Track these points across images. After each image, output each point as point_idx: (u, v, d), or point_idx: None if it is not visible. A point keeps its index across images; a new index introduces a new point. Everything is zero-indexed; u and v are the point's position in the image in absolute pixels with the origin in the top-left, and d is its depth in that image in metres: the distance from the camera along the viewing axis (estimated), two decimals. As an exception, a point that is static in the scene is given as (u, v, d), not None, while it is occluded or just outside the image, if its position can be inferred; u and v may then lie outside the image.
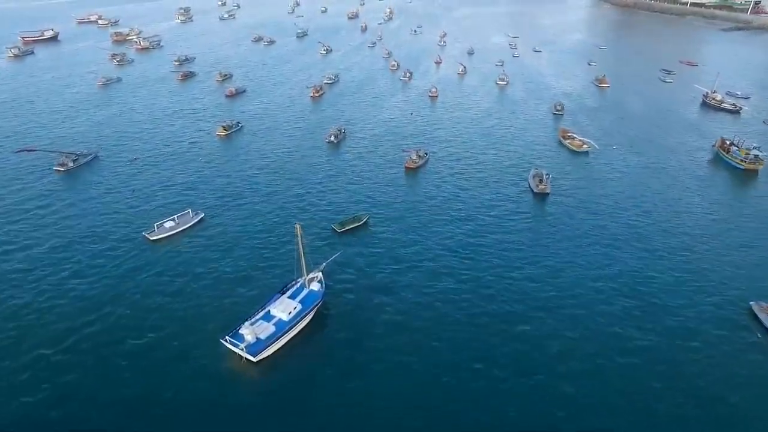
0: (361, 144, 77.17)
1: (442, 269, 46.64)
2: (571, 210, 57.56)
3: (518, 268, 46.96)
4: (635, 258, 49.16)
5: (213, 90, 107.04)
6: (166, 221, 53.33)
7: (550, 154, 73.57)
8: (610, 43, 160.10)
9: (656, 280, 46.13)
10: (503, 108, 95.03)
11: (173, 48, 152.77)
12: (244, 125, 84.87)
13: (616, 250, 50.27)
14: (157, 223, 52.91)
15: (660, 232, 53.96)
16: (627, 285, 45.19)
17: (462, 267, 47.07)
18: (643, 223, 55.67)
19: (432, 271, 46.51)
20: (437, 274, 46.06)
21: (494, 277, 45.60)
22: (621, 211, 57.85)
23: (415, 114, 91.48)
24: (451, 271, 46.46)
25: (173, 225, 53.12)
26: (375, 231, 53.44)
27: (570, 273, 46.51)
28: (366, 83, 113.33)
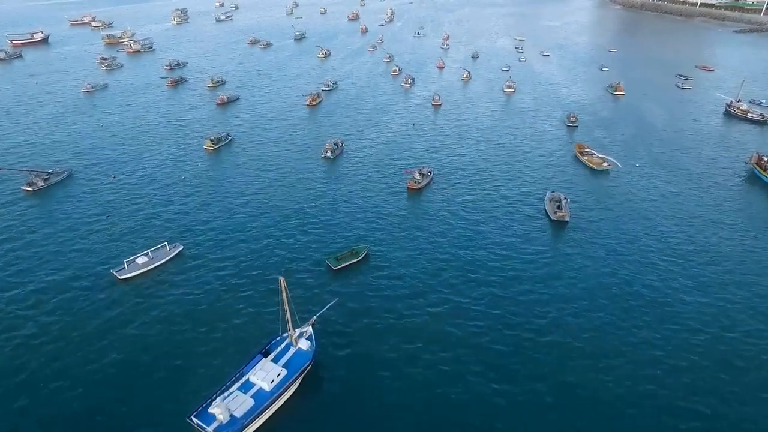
0: (360, 160, 70.62)
1: (449, 324, 39.72)
2: (595, 243, 50.52)
3: (536, 329, 39.22)
4: (677, 305, 42.67)
5: (204, 98, 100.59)
6: (139, 256, 46.84)
7: (567, 173, 66.89)
8: (620, 46, 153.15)
9: (708, 330, 39.62)
10: (512, 119, 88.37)
11: (166, 51, 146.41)
12: (235, 138, 78.38)
13: (654, 294, 43.78)
14: (128, 260, 46.39)
15: (702, 265, 47.34)
16: (673, 342, 38.65)
17: (470, 322, 39.98)
18: (680, 255, 49.05)
19: (438, 326, 39.83)
20: (443, 334, 39.38)
21: (509, 336, 38.57)
22: (654, 244, 50.94)
23: (417, 125, 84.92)
24: (459, 326, 39.52)
25: (146, 261, 46.62)
26: (374, 266, 46.91)
27: (602, 335, 39.19)
28: (366, 90, 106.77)
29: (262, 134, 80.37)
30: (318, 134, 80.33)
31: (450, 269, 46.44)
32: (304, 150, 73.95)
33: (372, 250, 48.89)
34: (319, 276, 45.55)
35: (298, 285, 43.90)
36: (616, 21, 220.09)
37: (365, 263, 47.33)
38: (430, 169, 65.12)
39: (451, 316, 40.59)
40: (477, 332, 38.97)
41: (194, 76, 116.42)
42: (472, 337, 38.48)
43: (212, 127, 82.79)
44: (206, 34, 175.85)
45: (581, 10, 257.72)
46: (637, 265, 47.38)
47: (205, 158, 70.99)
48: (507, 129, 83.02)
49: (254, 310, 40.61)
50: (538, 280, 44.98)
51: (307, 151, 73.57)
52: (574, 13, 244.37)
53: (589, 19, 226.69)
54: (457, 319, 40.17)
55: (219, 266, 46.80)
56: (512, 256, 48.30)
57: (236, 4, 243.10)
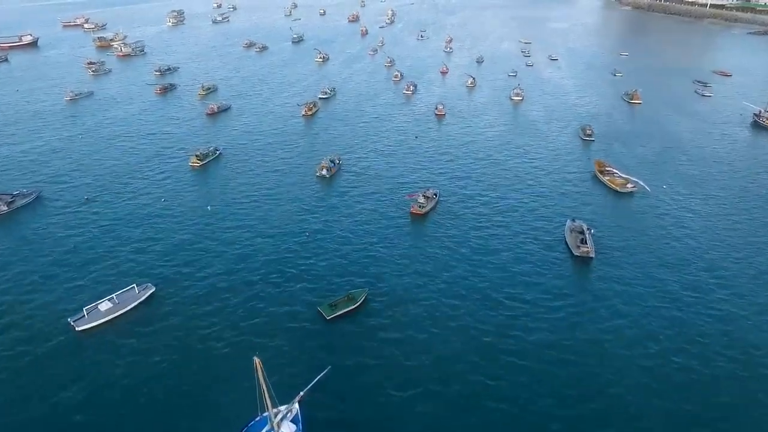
0: (358, 179, 64.01)
1: (461, 397, 33.08)
2: (629, 287, 43.34)
3: (568, 405, 32.21)
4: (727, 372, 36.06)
5: (193, 107, 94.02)
6: (102, 302, 40.25)
7: (586, 195, 60.16)
8: (631, 49, 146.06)
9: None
10: (522, 131, 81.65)
11: (158, 55, 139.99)
12: (223, 152, 71.81)
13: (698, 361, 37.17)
14: (88, 307, 39.79)
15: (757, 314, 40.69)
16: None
17: (488, 395, 33.36)
18: (729, 305, 42.47)
19: (451, 398, 33.25)
20: (458, 408, 32.99)
21: (533, 417, 32.05)
22: (700, 287, 44.43)
23: (420, 138, 78.32)
24: (478, 400, 32.95)
25: (110, 307, 40.06)
26: (374, 312, 40.45)
27: (645, 414, 33.06)
28: (365, 98, 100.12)
29: (253, 148, 73.77)
30: (313, 149, 73.74)
31: (460, 323, 39.84)
32: (297, 167, 67.36)
33: (371, 292, 42.37)
34: (311, 327, 39.02)
35: (285, 339, 37.47)
36: (623, 22, 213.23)
37: (364, 308, 40.86)
38: (435, 191, 58.51)
39: (465, 387, 33.95)
40: (496, 410, 32.39)
41: (185, 83, 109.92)
42: (489, 413, 31.95)
43: (200, 141, 76.27)
44: (201, 36, 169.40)
45: (586, 10, 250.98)
46: (681, 323, 40.78)
47: (189, 178, 64.43)
48: (517, 143, 76.29)
49: (233, 379, 33.97)
50: (567, 339, 38.11)
51: (301, 168, 66.97)
52: (580, 14, 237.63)
53: (595, 21, 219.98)
54: (470, 392, 33.52)
55: (195, 313, 40.28)
56: (531, 304, 41.56)
57: (234, 5, 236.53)
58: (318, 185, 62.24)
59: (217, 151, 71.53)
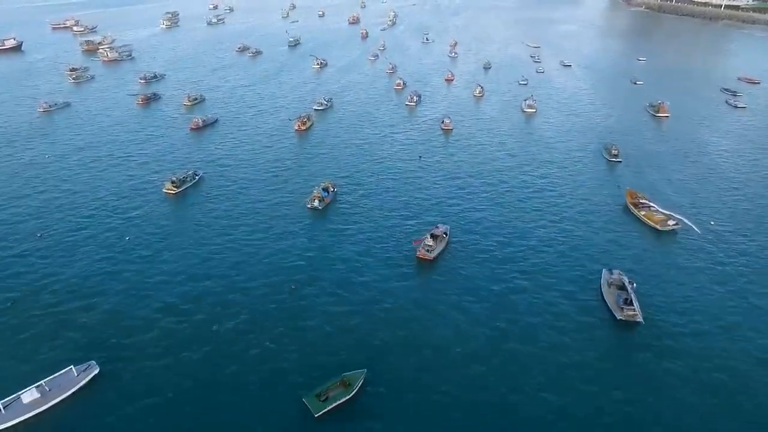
0: (355, 211, 55.11)
1: None
2: (692, 368, 34.77)
3: None
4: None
5: (177, 120, 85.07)
6: (26, 391, 31.59)
7: (621, 234, 50.87)
8: (648, 54, 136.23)
9: None
10: (538, 150, 72.51)
11: (146, 60, 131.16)
12: (204, 176, 63.06)
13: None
14: (6, 400, 31.14)
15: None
16: None
17: None
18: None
19: None
20: None
21: None
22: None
23: (424, 158, 69.46)
24: None
25: (36, 399, 31.26)
26: (375, 400, 31.74)
27: None
28: (365, 110, 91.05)
29: (237, 172, 64.84)
30: (305, 172, 64.76)
31: (481, 408, 31.13)
32: (286, 195, 58.48)
33: (370, 374, 33.58)
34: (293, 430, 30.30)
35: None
36: (634, 24, 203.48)
37: (361, 395, 32.11)
38: (445, 228, 49.51)
39: None
40: None
41: (170, 92, 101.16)
42: None
43: (179, 162, 67.53)
44: (194, 40, 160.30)
45: (593, 11, 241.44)
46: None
47: (161, 210, 55.59)
48: (534, 165, 67.17)
49: None
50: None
51: (290, 197, 58.06)
52: (587, 15, 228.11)
53: (605, 23, 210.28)
54: None
55: (146, 405, 31.59)
56: (570, 393, 32.89)
57: (231, 7, 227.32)
58: (309, 220, 53.35)
59: (196, 175, 62.65)
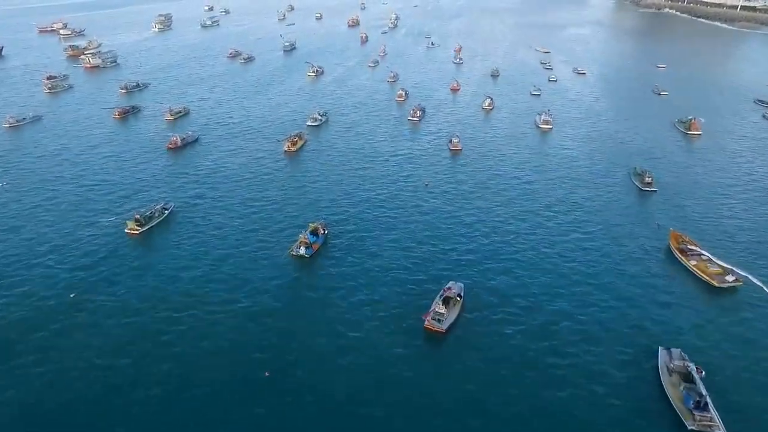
0: (349, 260, 45.60)
1: None
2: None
3: None
4: None
5: (155, 138, 75.68)
6: None
7: (670, 294, 41.26)
8: (667, 60, 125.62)
9: None
10: (560, 177, 62.86)
11: (132, 66, 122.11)
12: (175, 211, 53.88)
13: None
14: None
15: None
16: None
17: None
18: None
19: None
20: None
21: None
22: None
23: (431, 185, 60.18)
24: None
25: None
26: None
27: None
28: (364, 126, 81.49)
29: (214, 205, 55.40)
30: (292, 206, 55.27)
31: None
32: (268, 238, 49.10)
33: None
34: None
35: None
36: (645, 26, 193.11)
37: None
38: (459, 290, 40.02)
39: None
40: None
41: (153, 104, 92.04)
42: None
43: (149, 193, 58.46)
44: (185, 44, 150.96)
45: (601, 14, 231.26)
46: None
47: (119, 257, 46.36)
48: (557, 196, 57.48)
49: None
50: None
51: (273, 240, 48.68)
52: (595, 17, 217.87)
53: (614, 25, 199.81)
54: None
55: None
56: None
57: (226, 9, 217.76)
58: (292, 273, 43.94)
59: (165, 210, 53.30)
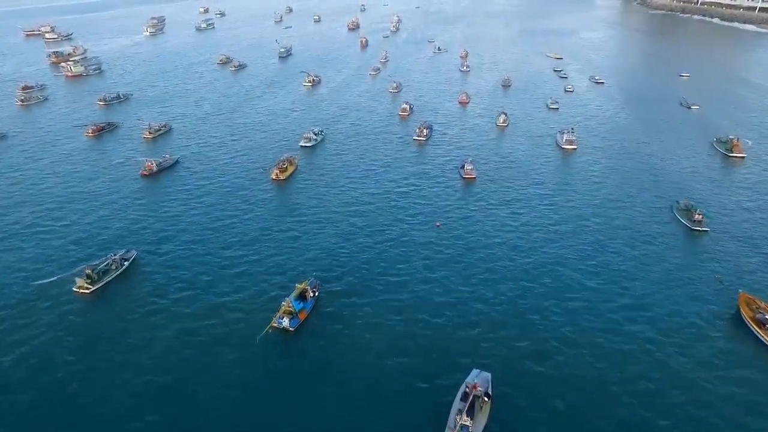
0: (343, 339, 36.02)
1: None
2: None
3: None
4: None
5: (129, 161, 65.90)
6: None
7: (739, 368, 32.01)
8: (690, 67, 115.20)
9: None
10: (592, 212, 52.85)
11: (117, 74, 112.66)
12: (138, 259, 44.37)
13: None
14: None
15: None
16: None
17: None
18: None
19: None
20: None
21: None
22: None
23: (444, 226, 50.56)
24: None
25: None
26: None
27: None
28: (364, 146, 71.38)
29: (185, 256, 45.65)
30: (276, 257, 45.24)
31: None
32: (246, 305, 39.17)
33: None
34: None
35: None
36: (658, 29, 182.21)
37: None
38: (486, 386, 30.18)
39: None
40: None
41: (132, 119, 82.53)
42: None
43: (113, 233, 48.96)
44: (176, 49, 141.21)
45: (609, 16, 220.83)
46: None
47: (62, 329, 36.86)
48: (590, 240, 47.53)
49: None
50: None
51: (250, 307, 38.88)
52: (604, 20, 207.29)
53: (625, 28, 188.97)
54: None
55: None
56: None
57: (222, 11, 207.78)
58: (270, 358, 34.28)
59: (125, 261, 43.61)
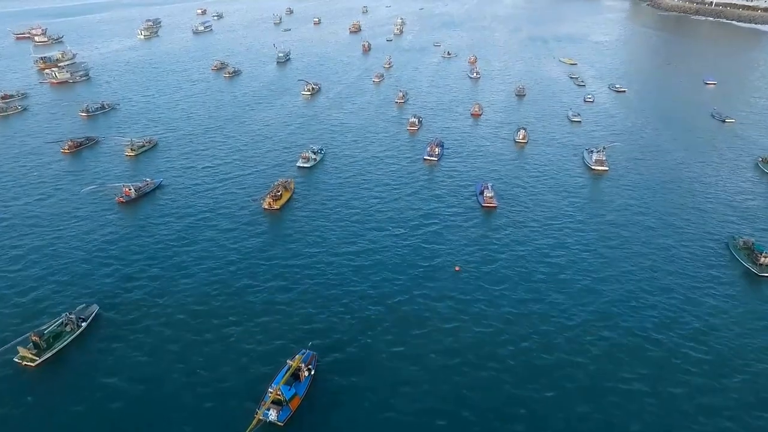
0: (349, 427, 28.43)
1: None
2: None
3: None
4: None
5: (104, 187, 57.45)
6: None
7: None
8: (715, 74, 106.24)
9: None
10: (635, 251, 44.63)
11: (104, 82, 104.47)
12: (100, 317, 36.35)
13: None
14: None
15: None
16: None
17: None
18: None
19: None
20: None
21: None
22: None
23: (464, 269, 42.48)
24: None
25: None
26: None
27: None
28: (368, 169, 62.60)
29: (157, 314, 37.44)
30: (261, 318, 37.31)
31: None
32: (224, 383, 31.34)
33: None
34: None
35: None
36: (672, 32, 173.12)
37: None
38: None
39: None
40: None
41: (115, 132, 74.44)
42: None
43: (74, 280, 40.99)
44: (170, 54, 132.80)
45: (619, 18, 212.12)
46: None
47: (7, 414, 28.98)
48: (635, 291, 39.70)
49: None
50: None
51: (230, 389, 31.03)
52: (614, 22, 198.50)
53: (637, 31, 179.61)
54: None
55: None
56: None
57: (219, 13, 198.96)
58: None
59: (82, 321, 35.38)
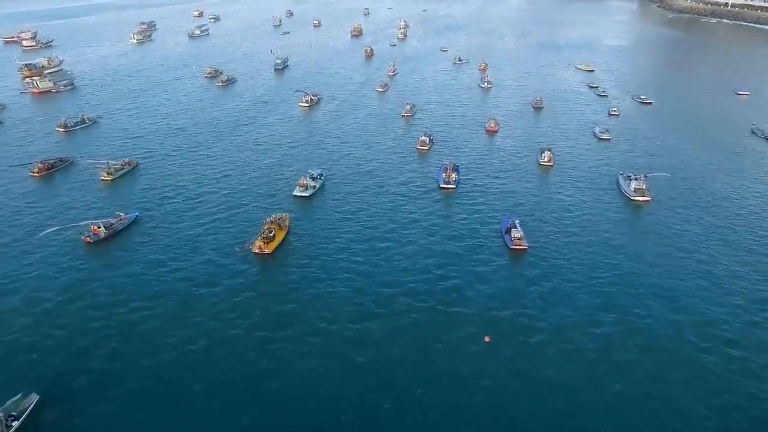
0: None
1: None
2: None
3: None
4: None
5: (69, 228, 48.89)
6: None
7: None
8: (746, 83, 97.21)
9: None
10: (688, 302, 36.94)
11: (89, 91, 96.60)
12: (44, 404, 28.34)
13: None
14: None
15: None
16: None
17: None
18: None
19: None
20: None
21: None
22: None
23: (492, 340, 34.39)
24: None
25: None
26: None
27: None
28: (374, 198, 53.80)
29: (123, 398, 29.94)
30: (250, 408, 29.74)
31: None
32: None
33: None
34: None
35: None
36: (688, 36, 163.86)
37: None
38: None
39: None
40: None
41: (93, 150, 66.52)
42: None
43: (34, 348, 33.03)
44: (162, 59, 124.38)
45: (628, 20, 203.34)
46: None
47: None
48: (702, 367, 32.07)
49: None
50: None
51: None
52: (625, 26, 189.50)
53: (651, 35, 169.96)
54: None
55: None
56: None
57: (216, 15, 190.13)
58: None
59: (13, 420, 27.66)
